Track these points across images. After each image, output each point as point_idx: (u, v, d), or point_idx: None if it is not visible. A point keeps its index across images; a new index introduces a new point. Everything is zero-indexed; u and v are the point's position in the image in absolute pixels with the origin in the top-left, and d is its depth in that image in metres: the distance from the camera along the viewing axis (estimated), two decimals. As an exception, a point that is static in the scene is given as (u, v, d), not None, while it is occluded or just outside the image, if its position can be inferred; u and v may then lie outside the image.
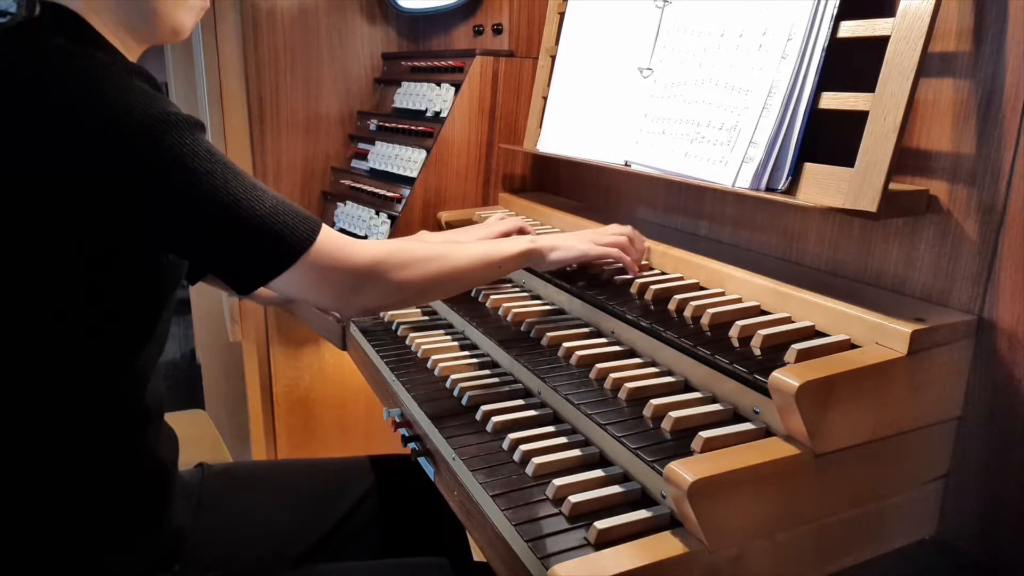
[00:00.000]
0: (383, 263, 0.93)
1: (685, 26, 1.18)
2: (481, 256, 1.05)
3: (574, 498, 0.82)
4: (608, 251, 1.15)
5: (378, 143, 1.85)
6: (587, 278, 1.22)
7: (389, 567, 1.07)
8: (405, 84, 1.88)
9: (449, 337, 1.31)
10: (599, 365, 1.01)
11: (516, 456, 0.93)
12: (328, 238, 0.88)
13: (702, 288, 1.11)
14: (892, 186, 0.88)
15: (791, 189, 0.99)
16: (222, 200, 0.78)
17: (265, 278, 0.85)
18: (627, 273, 1.18)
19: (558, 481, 0.85)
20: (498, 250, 1.08)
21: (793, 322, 0.96)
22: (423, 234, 1.30)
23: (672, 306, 1.05)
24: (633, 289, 1.13)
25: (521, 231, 1.30)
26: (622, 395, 0.95)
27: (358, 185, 1.85)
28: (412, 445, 1.08)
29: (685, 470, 0.73)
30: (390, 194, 1.73)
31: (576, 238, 1.17)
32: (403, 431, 1.11)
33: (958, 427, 0.92)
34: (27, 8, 0.83)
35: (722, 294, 1.07)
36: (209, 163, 0.78)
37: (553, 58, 1.54)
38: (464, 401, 1.08)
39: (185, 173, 0.76)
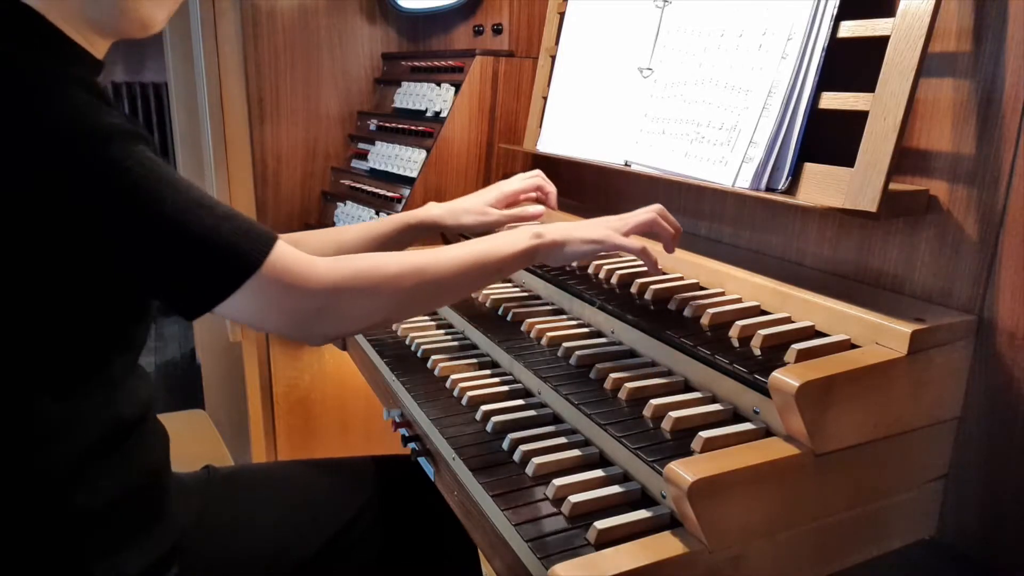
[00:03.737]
0: (349, 283, 0.83)
1: (685, 26, 1.19)
2: (472, 261, 0.92)
3: (574, 498, 0.82)
4: (632, 245, 1.00)
5: (378, 143, 1.86)
6: (587, 278, 1.22)
7: None
8: (405, 84, 1.88)
9: (449, 337, 1.31)
10: (599, 365, 1.01)
11: (516, 456, 0.93)
12: (283, 256, 0.79)
13: (702, 288, 1.11)
14: (892, 186, 0.88)
15: (791, 189, 0.99)
16: (158, 216, 0.72)
17: (210, 301, 0.77)
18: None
19: (558, 481, 0.85)
20: (494, 251, 0.94)
21: (793, 322, 0.96)
22: (431, 206, 1.23)
23: (672, 306, 1.05)
24: (633, 289, 1.13)
25: (539, 190, 1.23)
26: (622, 395, 0.95)
27: (358, 185, 1.86)
28: (412, 445, 1.09)
29: (685, 470, 0.73)
30: (390, 194, 1.73)
31: (593, 227, 1.00)
32: (403, 431, 1.11)
33: (958, 427, 0.92)
34: None
35: (722, 294, 1.07)
36: (147, 177, 0.72)
37: (553, 58, 1.54)
38: (464, 401, 1.08)
39: (119, 187, 0.71)
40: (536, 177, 1.26)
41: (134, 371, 0.91)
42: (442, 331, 1.34)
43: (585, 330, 1.16)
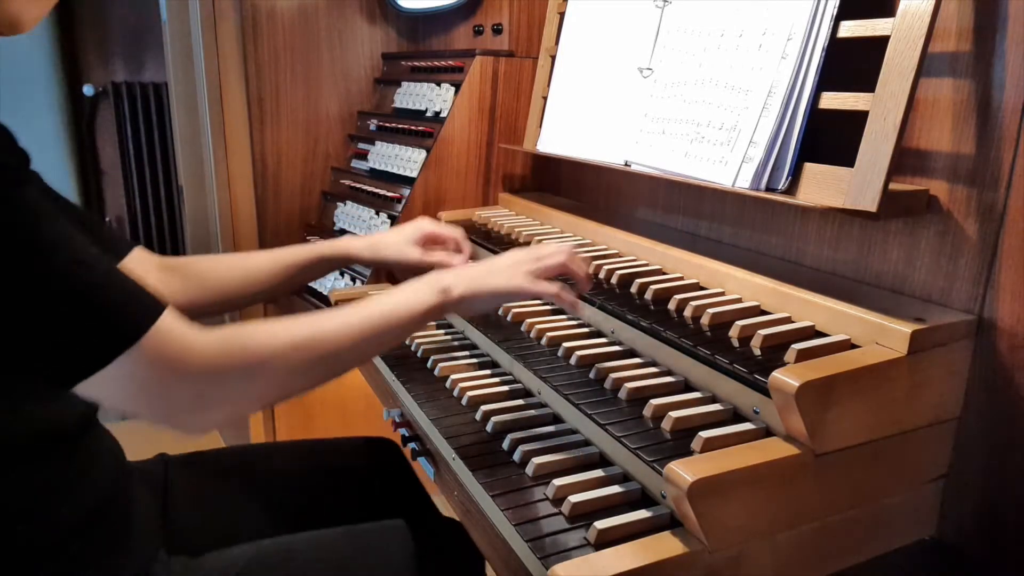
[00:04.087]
0: (236, 362, 0.73)
1: (685, 26, 1.19)
2: (373, 325, 0.84)
3: (574, 498, 0.82)
4: (547, 290, 0.96)
5: (378, 143, 1.86)
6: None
7: (344, 535, 1.01)
8: (405, 84, 1.88)
9: (449, 337, 1.31)
10: (599, 365, 1.01)
11: (516, 456, 0.93)
12: (169, 329, 0.68)
13: (702, 288, 1.11)
14: (892, 186, 0.88)
15: (791, 189, 0.99)
16: (29, 268, 0.63)
17: (76, 374, 0.65)
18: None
19: (558, 481, 0.85)
20: (396, 311, 0.87)
21: (793, 322, 0.96)
22: (349, 239, 1.22)
23: (672, 306, 1.05)
24: (633, 289, 1.13)
25: (456, 245, 1.21)
26: (622, 395, 0.95)
27: (358, 185, 1.86)
28: (412, 445, 1.09)
29: (685, 470, 0.73)
30: (390, 194, 1.73)
31: (505, 272, 0.96)
32: (403, 431, 1.11)
33: (958, 427, 0.92)
34: None
35: (722, 294, 1.07)
36: (23, 225, 0.63)
37: (553, 58, 1.54)
38: (464, 401, 1.08)
39: None
40: (457, 230, 1.24)
41: (55, 401, 0.82)
42: (442, 331, 1.34)
43: (585, 330, 1.16)
